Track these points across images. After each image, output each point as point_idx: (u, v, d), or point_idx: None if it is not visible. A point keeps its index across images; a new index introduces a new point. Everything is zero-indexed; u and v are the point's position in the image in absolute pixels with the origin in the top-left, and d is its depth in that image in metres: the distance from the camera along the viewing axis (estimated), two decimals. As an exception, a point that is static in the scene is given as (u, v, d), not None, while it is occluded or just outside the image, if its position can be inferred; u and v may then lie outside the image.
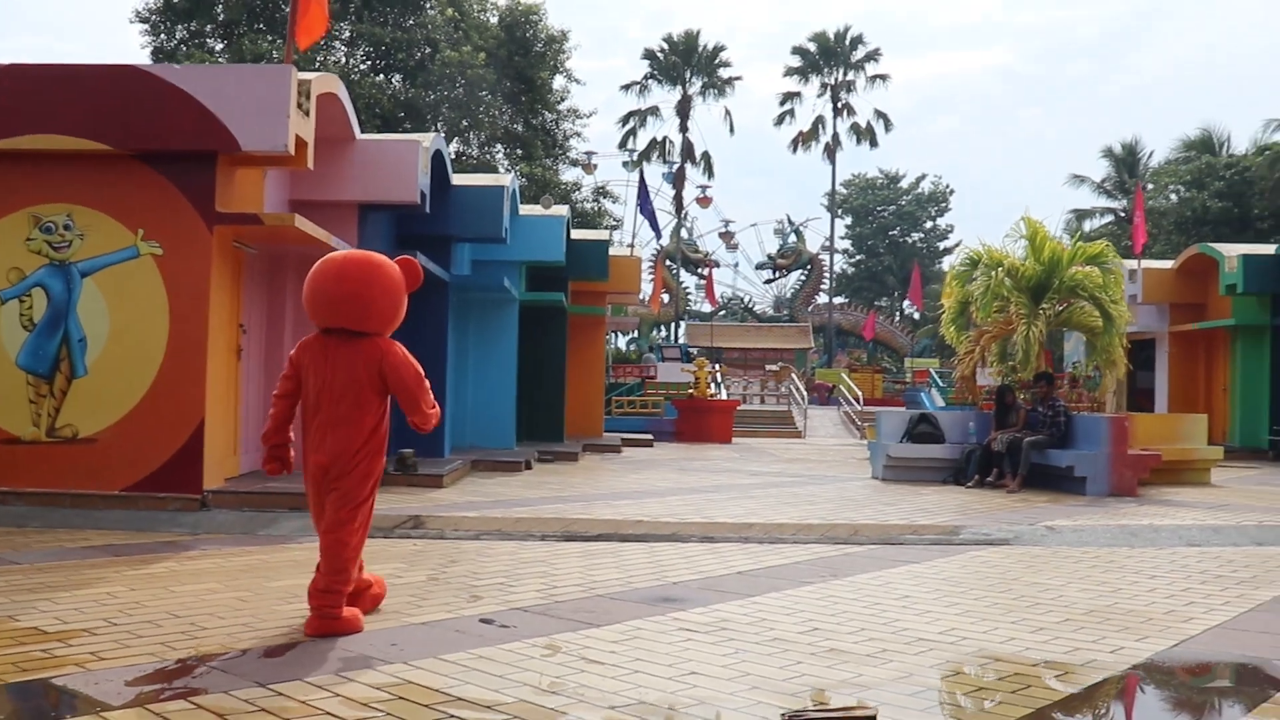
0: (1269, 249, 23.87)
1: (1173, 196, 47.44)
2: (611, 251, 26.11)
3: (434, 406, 6.77)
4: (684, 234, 66.44)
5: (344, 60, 38.46)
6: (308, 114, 11.16)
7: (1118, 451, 14.32)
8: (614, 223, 45.56)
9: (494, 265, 19.22)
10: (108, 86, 10.90)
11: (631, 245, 32.53)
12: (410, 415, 6.71)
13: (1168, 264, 26.67)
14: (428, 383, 6.76)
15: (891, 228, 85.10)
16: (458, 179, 16.93)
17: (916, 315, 77.18)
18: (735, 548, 9.93)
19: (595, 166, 53.47)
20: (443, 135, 14.79)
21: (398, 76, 38.83)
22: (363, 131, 14.10)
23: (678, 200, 63.70)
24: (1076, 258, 16.16)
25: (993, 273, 16.21)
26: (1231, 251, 23.15)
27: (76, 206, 11.14)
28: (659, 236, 34.92)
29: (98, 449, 11.07)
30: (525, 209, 20.19)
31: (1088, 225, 52.10)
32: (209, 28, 36.34)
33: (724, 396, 36.44)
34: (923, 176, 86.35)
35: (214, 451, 11.29)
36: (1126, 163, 56.49)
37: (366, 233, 14.33)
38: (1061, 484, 14.74)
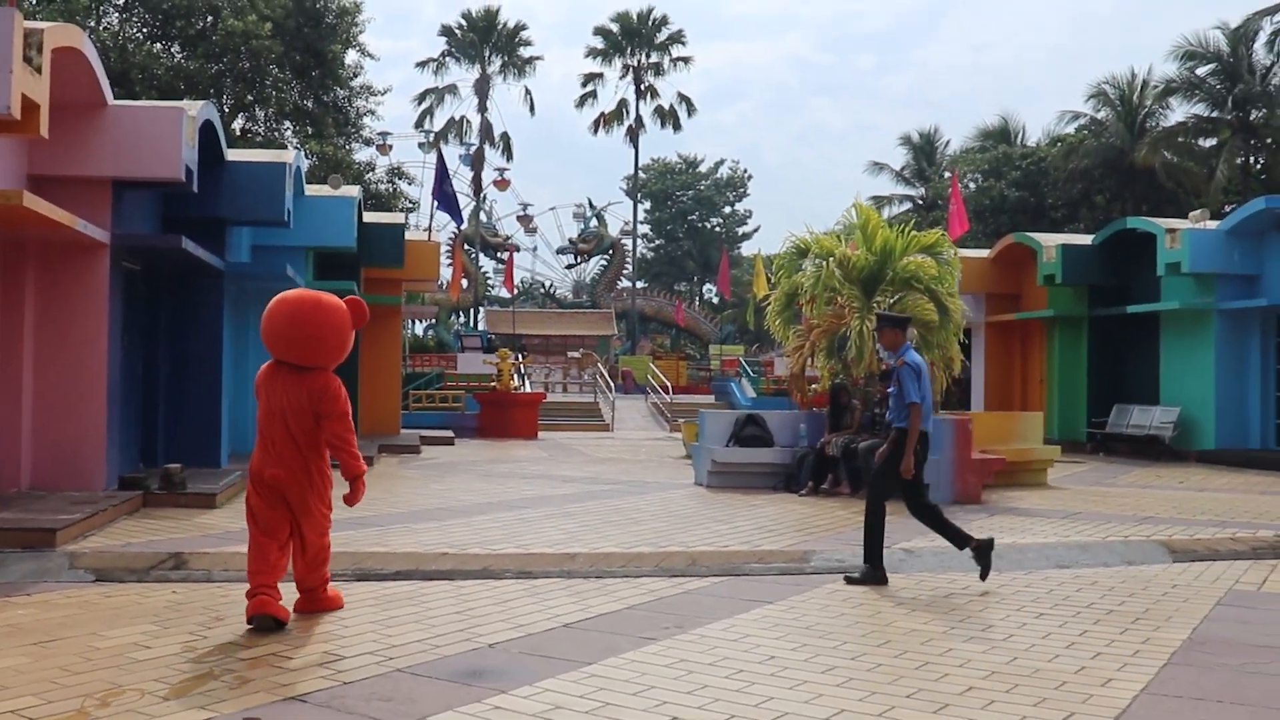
0: (1086, 239, 23.60)
1: (971, 185, 47.76)
2: (408, 236, 24.42)
3: (359, 456, 7.54)
4: (482, 217, 64.57)
5: (117, 26, 35.58)
6: (39, 70, 9.25)
7: (961, 456, 13.41)
8: (410, 205, 43.62)
9: (277, 251, 17.44)
10: None
11: (429, 229, 30.76)
12: (335, 452, 7.47)
13: (984, 253, 26.25)
14: (353, 427, 7.57)
15: (691, 213, 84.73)
16: (234, 154, 15.10)
17: (716, 300, 77.04)
18: (557, 586, 8.52)
19: (390, 147, 51.38)
20: (213, 104, 12.88)
21: (177, 46, 36.11)
22: (140, 105, 12.17)
23: (476, 182, 61.83)
24: (911, 248, 15.19)
25: (823, 263, 15.11)
26: (1050, 241, 22.76)
27: None
28: (459, 221, 33.21)
29: None
30: (312, 190, 18.41)
31: (887, 212, 52.14)
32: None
33: (528, 389, 35.02)
34: (721, 162, 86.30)
35: (-74, 478, 9.33)
36: (925, 150, 57.03)
37: (123, 213, 12.43)
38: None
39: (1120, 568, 9.62)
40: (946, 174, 53.84)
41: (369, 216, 21.43)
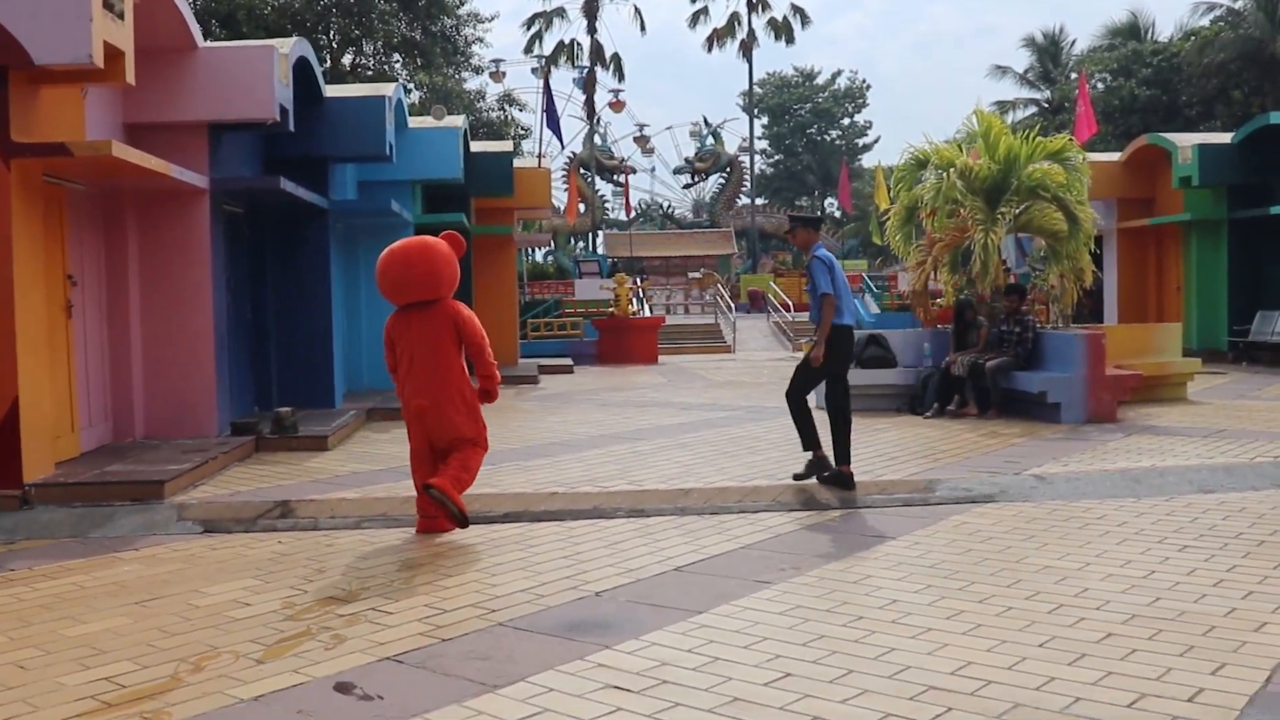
0: (1224, 138, 22.37)
1: (1099, 85, 45.91)
2: (518, 163, 24.18)
3: (494, 363, 8.46)
4: (597, 140, 64.07)
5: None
6: (121, 16, 9.07)
7: (1094, 373, 12.76)
8: (522, 132, 43.25)
9: (383, 186, 17.29)
10: None
11: (540, 155, 30.49)
12: (478, 366, 8.36)
13: (1114, 156, 25.10)
14: (487, 340, 8.47)
15: (809, 126, 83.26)
16: (333, 90, 14.90)
17: (838, 214, 75.78)
18: (670, 524, 8.23)
19: (503, 75, 51.09)
20: (307, 41, 12.67)
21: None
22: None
23: (589, 105, 61.24)
24: (1036, 154, 14.44)
25: (944, 174, 14.45)
26: (1185, 142, 21.62)
27: None
28: (562, 143, 32.83)
29: (-110, 439, 9.08)
30: (416, 122, 18.17)
31: (1011, 117, 50.47)
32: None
33: (647, 313, 34.73)
34: (838, 73, 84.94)
35: (37, 434, 9.34)
36: (1050, 52, 54.93)
37: (221, 156, 12.30)
38: (1032, 411, 13.16)
39: (1271, 491, 9.00)
40: (1073, 75, 51.88)
41: (476, 146, 21.16)
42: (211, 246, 11.87)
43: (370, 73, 37.14)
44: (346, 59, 37.62)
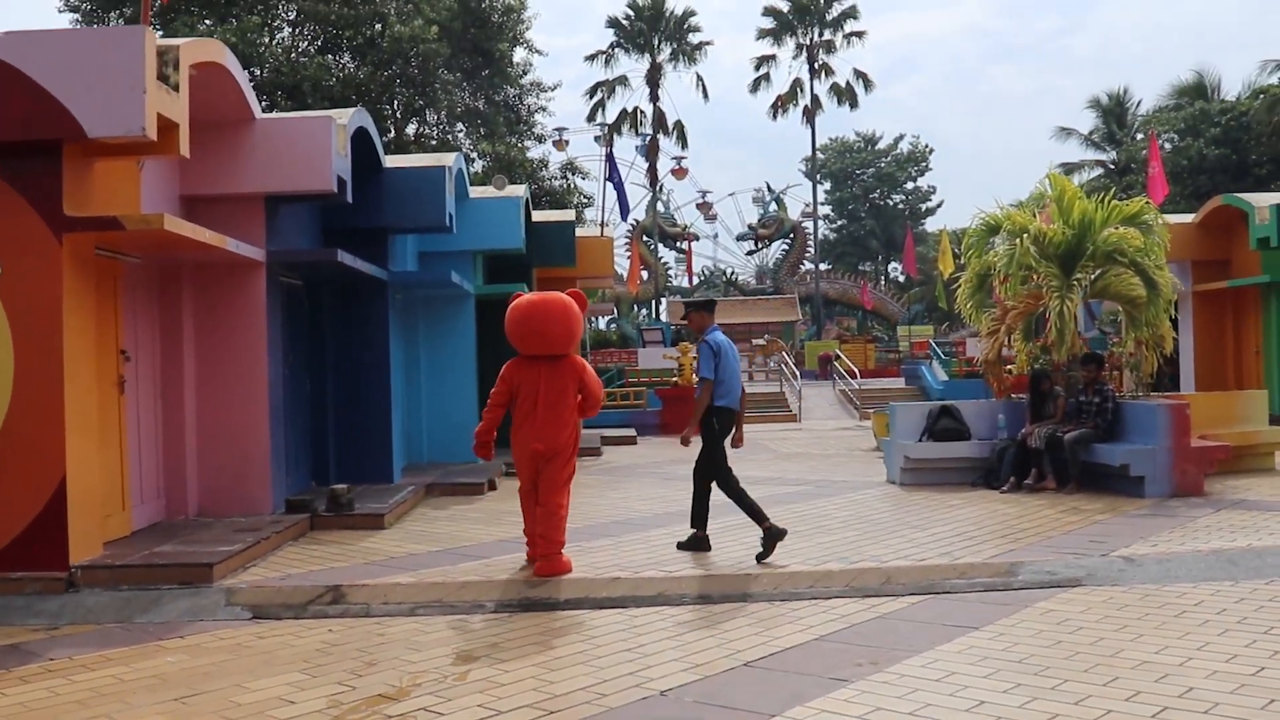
0: (1301, 197, 21.71)
1: (1166, 145, 45.21)
2: (580, 232, 24.03)
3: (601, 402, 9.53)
4: (660, 207, 64.11)
5: (289, 41, 36.08)
6: (176, 88, 8.90)
7: (1179, 444, 12.20)
8: (585, 200, 43.15)
9: (444, 257, 17.13)
10: (-89, 65, 8.62)
11: (602, 225, 30.32)
12: (590, 412, 9.42)
13: (1186, 217, 24.48)
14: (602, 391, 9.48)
15: (872, 191, 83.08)
16: (393, 161, 14.73)
17: (902, 279, 75.14)
18: (739, 612, 7.82)
19: (567, 143, 51.17)
20: (365, 111, 12.51)
21: (347, 56, 36.45)
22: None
23: (652, 173, 61.33)
24: (1111, 218, 13.97)
25: (1017, 240, 14.00)
26: (1262, 202, 20.98)
27: (-111, 220, 8.92)
28: (625, 214, 32.59)
29: (-63, 521, 8.86)
30: (477, 191, 18.01)
31: (1077, 179, 49.80)
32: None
33: (711, 381, 34.24)
34: (900, 137, 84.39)
35: (85, 514, 9.09)
36: (1115, 113, 54.39)
37: (279, 228, 12.13)
38: (1114, 485, 12.60)
39: (1381, 572, 8.44)
40: (1139, 135, 51.28)
41: (538, 215, 21.01)
42: (268, 319, 11.66)
43: (434, 142, 37.30)
44: (410, 129, 37.82)
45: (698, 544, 9.86)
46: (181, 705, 6.01)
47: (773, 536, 9.36)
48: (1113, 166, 51.82)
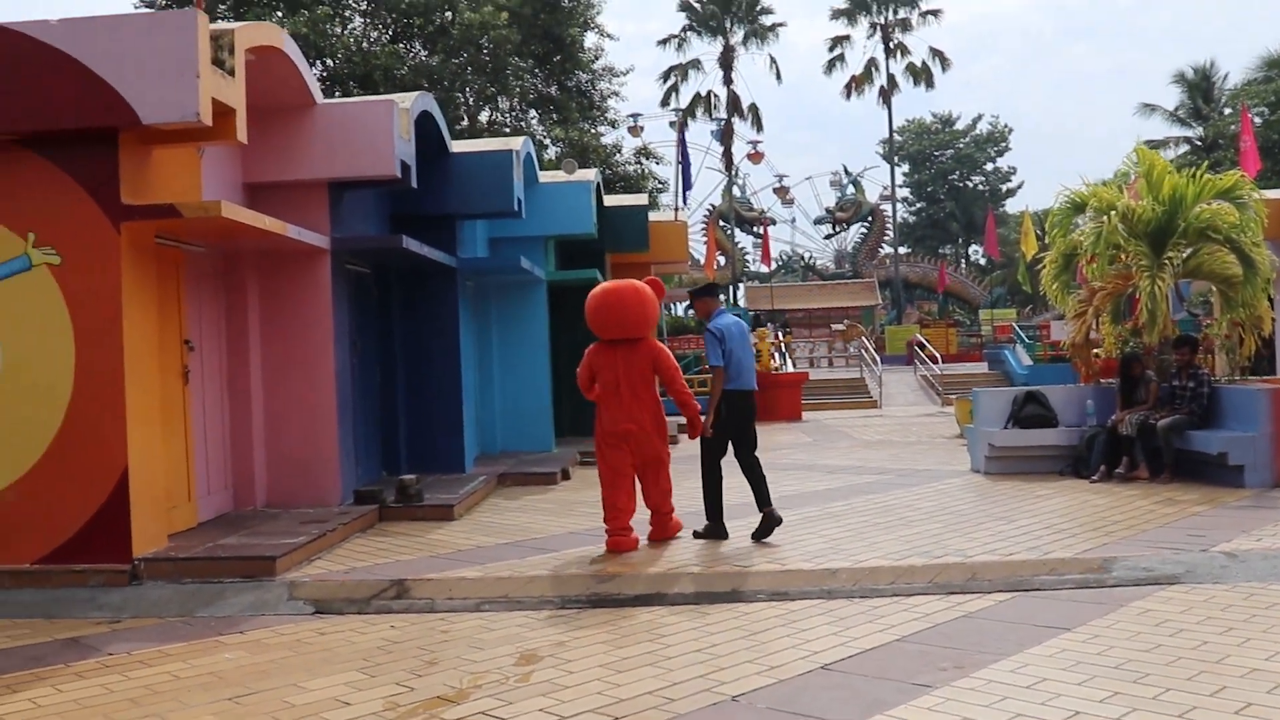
0: None
1: (1256, 119, 43.93)
2: (654, 217, 23.68)
3: (688, 391, 9.71)
4: (736, 192, 63.55)
5: (361, 30, 36.11)
6: (232, 73, 8.71)
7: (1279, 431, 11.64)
8: (659, 185, 42.88)
9: (515, 243, 16.89)
10: (-34, 53, 8.50)
11: (676, 209, 29.92)
12: (672, 393, 9.67)
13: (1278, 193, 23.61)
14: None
15: (951, 172, 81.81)
16: (460, 145, 14.51)
17: (983, 262, 74.02)
18: (816, 610, 7.47)
19: (641, 129, 50.72)
20: (430, 95, 12.29)
21: (418, 44, 36.42)
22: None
23: (727, 157, 60.75)
24: (1204, 193, 13.38)
25: (1104, 218, 13.45)
26: (1363, 174, 20.16)
27: (-53, 210, 8.83)
28: (685, 197, 32.03)
29: (0, 513, 8.76)
30: (547, 176, 17.75)
31: (1162, 156, 48.69)
32: (220, 8, 33.95)
33: (790, 368, 33.87)
34: (979, 118, 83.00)
35: (148, 506, 8.95)
36: (1200, 88, 52.99)
37: (343, 215, 11.97)
38: (1210, 474, 12.05)
39: None
40: (1227, 110, 49.95)
41: (610, 200, 20.72)
42: (334, 307, 11.49)
43: (507, 129, 37.16)
44: (483, 116, 37.73)
45: (716, 533, 9.92)
46: (235, 705, 5.81)
47: (713, 534, 9.85)
48: (1199, 143, 50.55)
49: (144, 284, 9.02)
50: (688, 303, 56.59)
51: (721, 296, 11.76)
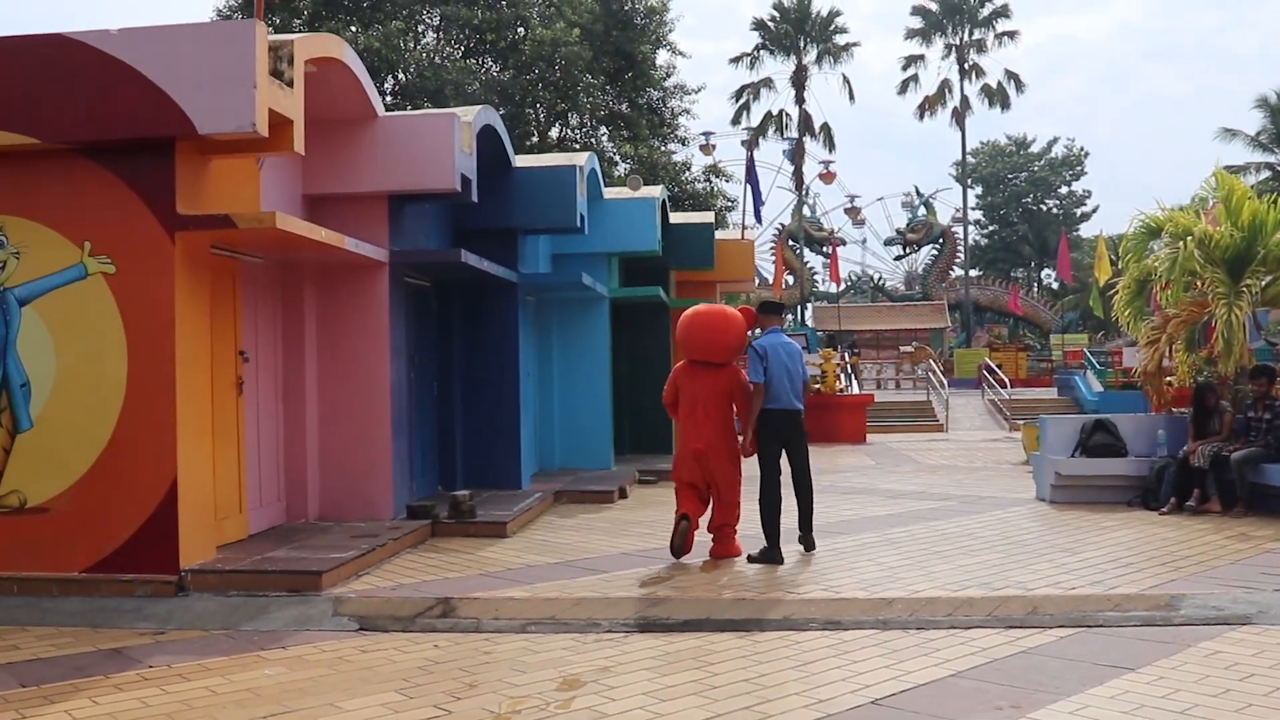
0: None
1: (1341, 145, 42.98)
2: (720, 235, 23.54)
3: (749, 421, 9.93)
4: (806, 211, 63.17)
5: (434, 45, 36.30)
6: (290, 84, 8.67)
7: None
8: (728, 203, 42.57)
9: (578, 259, 16.78)
10: (27, 62, 8.50)
11: (744, 227, 29.73)
12: (740, 417, 10.02)
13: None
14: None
15: (1024, 195, 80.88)
16: (523, 160, 14.43)
17: (1055, 286, 73.01)
18: (870, 641, 7.24)
19: (714, 147, 50.58)
20: (496, 105, 12.23)
21: (490, 59, 36.53)
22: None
23: (798, 176, 60.37)
24: (1287, 219, 12.98)
25: (1181, 243, 13.09)
26: None
27: (6, 217, 8.83)
28: (759, 212, 31.69)
29: (50, 521, 8.76)
30: (612, 193, 17.65)
31: (1243, 182, 47.75)
32: (295, 23, 34.28)
33: (855, 390, 33.51)
34: (1054, 140, 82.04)
35: (197, 517, 8.91)
36: (1284, 112, 51.81)
37: (403, 228, 11.91)
38: (1285, 508, 11.68)
39: None
40: (1314, 135, 48.99)
41: (676, 217, 20.57)
42: (390, 320, 11.42)
43: (577, 145, 37.15)
44: (554, 133, 37.75)
45: (772, 557, 9.79)
46: (269, 726, 5.69)
47: (767, 558, 9.71)
48: (1280, 169, 49.56)
49: (198, 294, 8.99)
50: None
51: (788, 315, 11.75)
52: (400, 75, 33.38)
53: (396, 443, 11.46)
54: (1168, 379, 14.64)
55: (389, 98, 33.44)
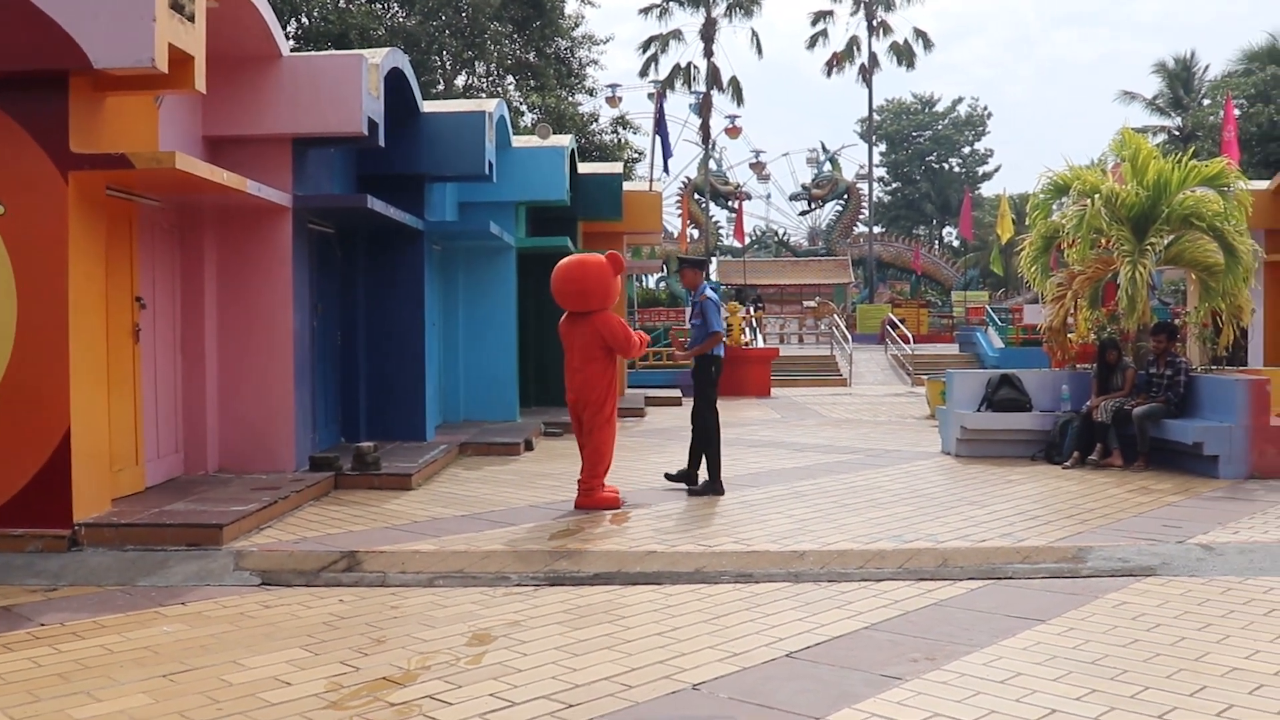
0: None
1: (1235, 111, 43.75)
2: (629, 186, 23.33)
3: (638, 344, 10.32)
4: (712, 165, 63.15)
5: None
6: (191, 18, 8.33)
7: (1258, 423, 11.44)
8: (635, 155, 42.36)
9: (484, 208, 16.55)
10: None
11: (651, 180, 29.57)
12: (629, 353, 10.34)
13: (1260, 185, 23.36)
14: (632, 334, 10.25)
15: (928, 153, 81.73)
16: (431, 106, 14.14)
17: (957, 244, 73.91)
18: (782, 593, 7.22)
19: (620, 99, 50.23)
20: (401, 52, 11.92)
21: (395, 5, 35.86)
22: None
23: (704, 130, 60.23)
24: (1189, 179, 13.13)
25: (1088, 200, 13.18)
26: (1343, 167, 19.96)
27: (-113, 154, 8.41)
28: (667, 166, 31.57)
29: (-65, 473, 8.39)
30: (520, 141, 17.39)
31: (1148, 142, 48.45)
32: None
33: (760, 344, 33.62)
34: (959, 100, 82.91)
35: (91, 469, 8.59)
36: (1181, 78, 52.84)
37: (307, 172, 11.61)
38: (1185, 463, 11.88)
39: None
40: (1206, 101, 49.86)
41: (584, 168, 20.36)
42: (294, 268, 11.13)
43: (484, 94, 36.68)
44: (460, 81, 37.22)
45: (714, 489, 10.71)
46: (168, 683, 5.49)
47: (712, 490, 10.68)
48: (1178, 133, 50.40)
49: (93, 237, 8.63)
50: (659, 275, 56.51)
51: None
52: (304, 19, 32.62)
53: (299, 393, 11.20)
54: (1070, 335, 14.79)
55: (292, 41, 32.66)
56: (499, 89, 37.97)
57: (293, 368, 11.09)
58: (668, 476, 11.25)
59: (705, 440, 10.83)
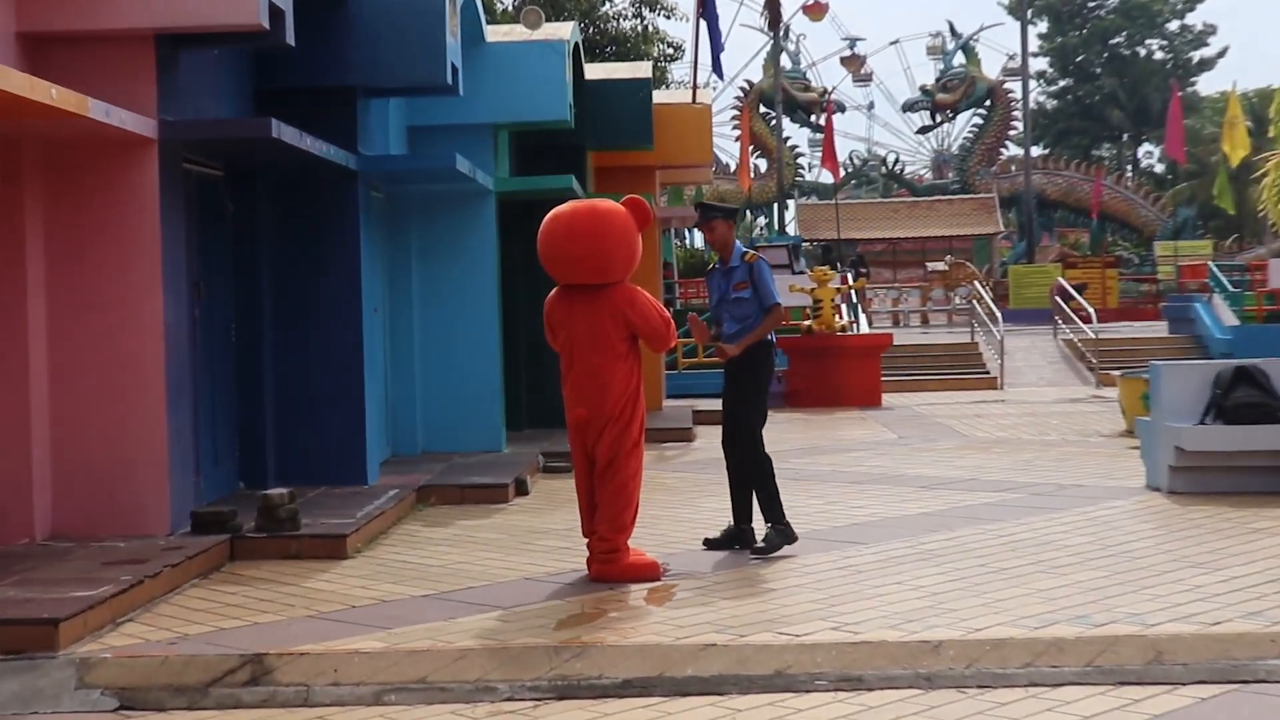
0: None
1: None
2: (661, 98, 23.47)
3: (673, 331, 10.38)
4: (786, 62, 63.44)
5: None
6: None
7: None
8: (671, 50, 42.64)
9: (445, 134, 16.66)
10: None
11: (695, 86, 29.66)
12: (657, 347, 10.43)
13: None
14: (668, 315, 10.26)
15: (1114, 33, 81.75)
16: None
17: (1161, 169, 73.96)
18: (907, 707, 7.24)
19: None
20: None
21: None
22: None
23: (773, 9, 60.54)
24: None
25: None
26: None
27: None
28: (718, 67, 31.51)
29: None
30: (498, 32, 17.53)
31: None
32: None
33: (864, 328, 33.68)
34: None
35: None
36: None
37: (182, 88, 11.80)
38: None
39: None
40: None
41: (594, 71, 20.51)
42: (163, 230, 11.29)
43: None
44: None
45: (787, 536, 10.80)
46: None
47: (786, 538, 10.74)
48: None
49: None
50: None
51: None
52: None
53: (173, 418, 11.34)
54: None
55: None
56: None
57: (164, 380, 11.25)
58: (708, 544, 11.19)
59: (758, 475, 10.88)
